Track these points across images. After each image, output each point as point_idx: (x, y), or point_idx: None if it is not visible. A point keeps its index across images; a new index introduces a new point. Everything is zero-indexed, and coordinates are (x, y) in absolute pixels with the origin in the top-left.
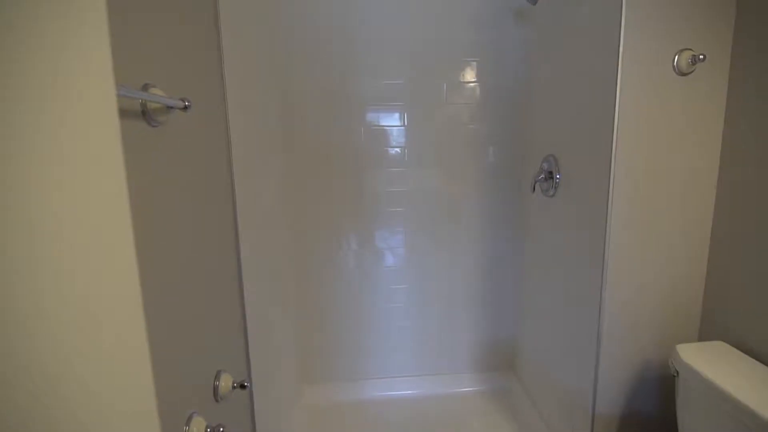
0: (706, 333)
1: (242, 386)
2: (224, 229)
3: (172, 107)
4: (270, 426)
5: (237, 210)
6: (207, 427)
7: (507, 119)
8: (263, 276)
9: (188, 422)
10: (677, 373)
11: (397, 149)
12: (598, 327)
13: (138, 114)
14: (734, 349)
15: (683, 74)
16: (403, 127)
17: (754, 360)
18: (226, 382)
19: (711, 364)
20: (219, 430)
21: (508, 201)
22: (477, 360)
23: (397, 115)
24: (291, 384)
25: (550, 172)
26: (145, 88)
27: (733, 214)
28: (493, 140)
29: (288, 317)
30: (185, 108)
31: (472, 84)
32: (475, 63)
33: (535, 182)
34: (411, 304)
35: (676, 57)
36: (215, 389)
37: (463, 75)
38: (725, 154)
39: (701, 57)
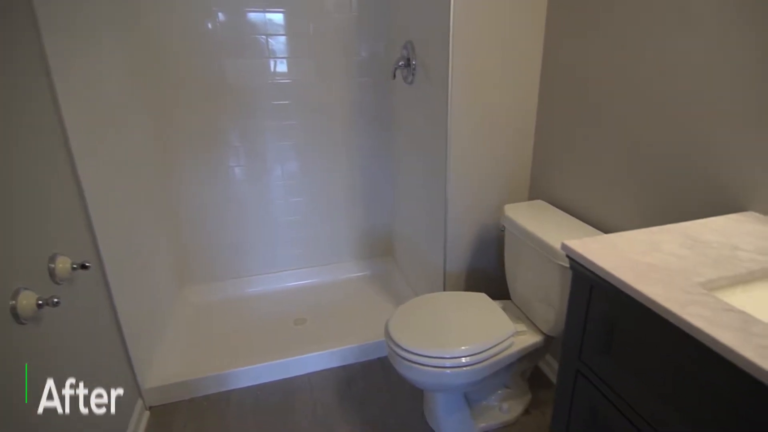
0: (533, 196)
1: (83, 267)
2: (40, 103)
3: None
4: (144, 321)
5: (56, 88)
6: (39, 299)
7: (378, 8)
8: (111, 167)
9: (15, 296)
10: (504, 228)
11: (263, 37)
12: (445, 199)
13: None
14: (550, 205)
15: None
16: (266, 13)
17: (562, 212)
18: (63, 264)
19: (527, 216)
20: (53, 300)
21: (379, 94)
22: (359, 249)
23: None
24: (169, 282)
25: (409, 59)
26: None
27: (552, 91)
28: (365, 31)
29: (156, 212)
30: None
31: None
32: None
33: (395, 68)
34: (293, 199)
35: None
36: (51, 270)
37: None
38: (548, 36)
39: None
